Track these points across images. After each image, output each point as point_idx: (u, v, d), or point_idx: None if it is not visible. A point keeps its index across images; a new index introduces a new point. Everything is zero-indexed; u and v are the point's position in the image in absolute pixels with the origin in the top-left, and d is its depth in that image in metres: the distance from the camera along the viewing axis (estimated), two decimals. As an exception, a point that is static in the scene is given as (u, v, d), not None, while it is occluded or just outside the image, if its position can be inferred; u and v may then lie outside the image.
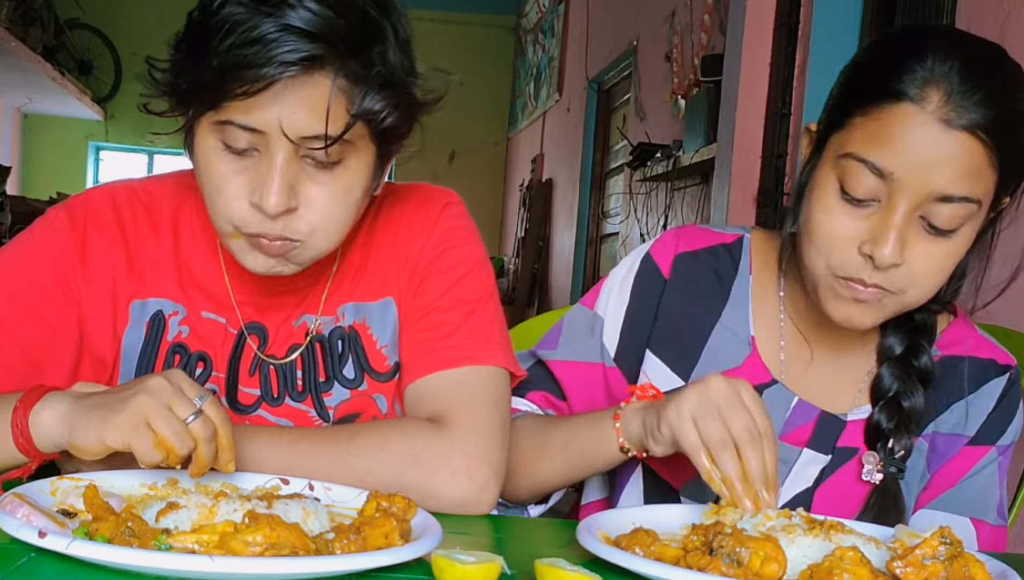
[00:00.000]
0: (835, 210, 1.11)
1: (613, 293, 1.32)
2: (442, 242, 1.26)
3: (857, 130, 1.10)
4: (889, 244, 1.07)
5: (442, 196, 1.31)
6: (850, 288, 1.12)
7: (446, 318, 1.22)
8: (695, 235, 1.31)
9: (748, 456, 1.01)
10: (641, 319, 1.29)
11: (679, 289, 1.28)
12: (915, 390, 1.21)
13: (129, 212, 1.24)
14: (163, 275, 1.23)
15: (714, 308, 1.28)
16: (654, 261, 1.30)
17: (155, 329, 1.22)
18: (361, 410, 1.25)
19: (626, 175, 5.66)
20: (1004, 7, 2.40)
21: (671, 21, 5.03)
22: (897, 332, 1.23)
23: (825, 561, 0.85)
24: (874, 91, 1.09)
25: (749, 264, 1.29)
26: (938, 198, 1.07)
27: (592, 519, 0.98)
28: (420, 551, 0.85)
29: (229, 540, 0.80)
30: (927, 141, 1.05)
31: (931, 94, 1.06)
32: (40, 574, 0.78)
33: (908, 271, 1.10)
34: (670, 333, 1.28)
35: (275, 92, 1.01)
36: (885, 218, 1.08)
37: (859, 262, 1.10)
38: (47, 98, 8.86)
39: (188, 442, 0.94)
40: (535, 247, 8.04)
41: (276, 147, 1.04)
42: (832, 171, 1.12)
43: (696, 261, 1.29)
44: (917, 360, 1.22)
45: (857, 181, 1.09)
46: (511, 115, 10.09)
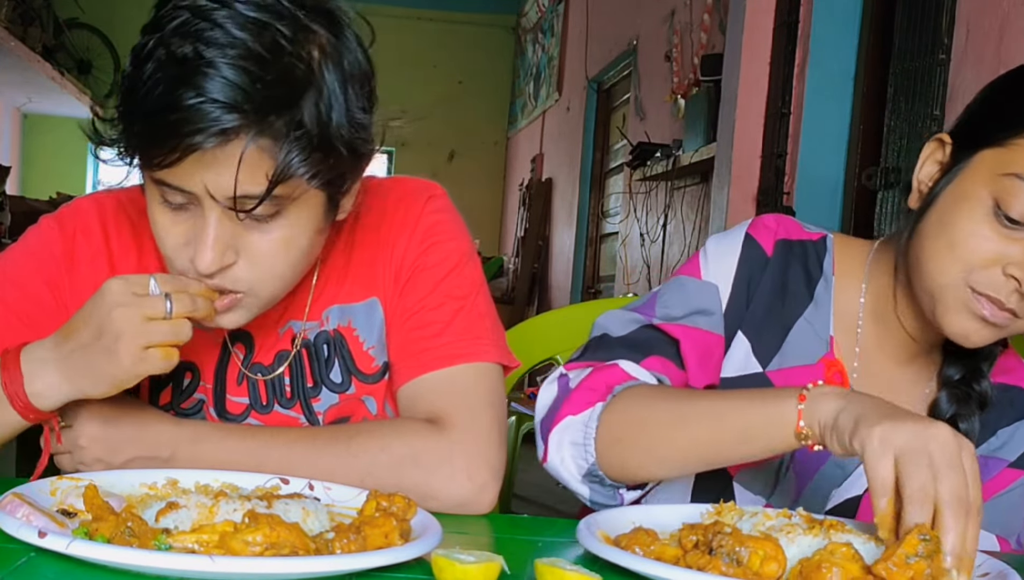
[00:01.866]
0: (986, 226, 1.09)
1: (715, 266, 1.26)
2: (427, 238, 1.24)
3: (1020, 151, 1.07)
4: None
5: (424, 189, 1.28)
6: (983, 305, 1.10)
7: (436, 316, 1.21)
8: (791, 225, 1.29)
9: (948, 524, 0.85)
10: (742, 297, 1.26)
11: (777, 273, 1.26)
12: (972, 414, 1.20)
13: (114, 224, 1.24)
14: None
15: (800, 301, 1.26)
16: (756, 241, 1.27)
17: None
18: (350, 413, 1.24)
19: (626, 175, 5.66)
20: (1003, 7, 2.40)
21: (671, 21, 5.03)
22: (959, 358, 1.22)
23: (816, 555, 0.85)
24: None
25: (832, 265, 1.28)
26: None
27: (592, 518, 0.98)
28: (420, 551, 0.85)
29: (229, 540, 0.80)
30: None
31: None
32: (40, 574, 0.78)
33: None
34: (760, 317, 1.25)
35: (196, 158, 0.99)
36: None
37: (1001, 282, 1.08)
38: (47, 98, 8.85)
39: (186, 330, 0.99)
40: (535, 246, 8.04)
41: (208, 207, 1.02)
42: (985, 188, 1.09)
43: (792, 250, 1.27)
44: (978, 385, 1.21)
45: (1019, 202, 1.06)
46: (511, 115, 10.09)
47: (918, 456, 0.88)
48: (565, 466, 1.15)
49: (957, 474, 0.87)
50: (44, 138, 10.18)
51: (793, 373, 1.24)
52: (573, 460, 1.14)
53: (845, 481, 1.23)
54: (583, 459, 1.13)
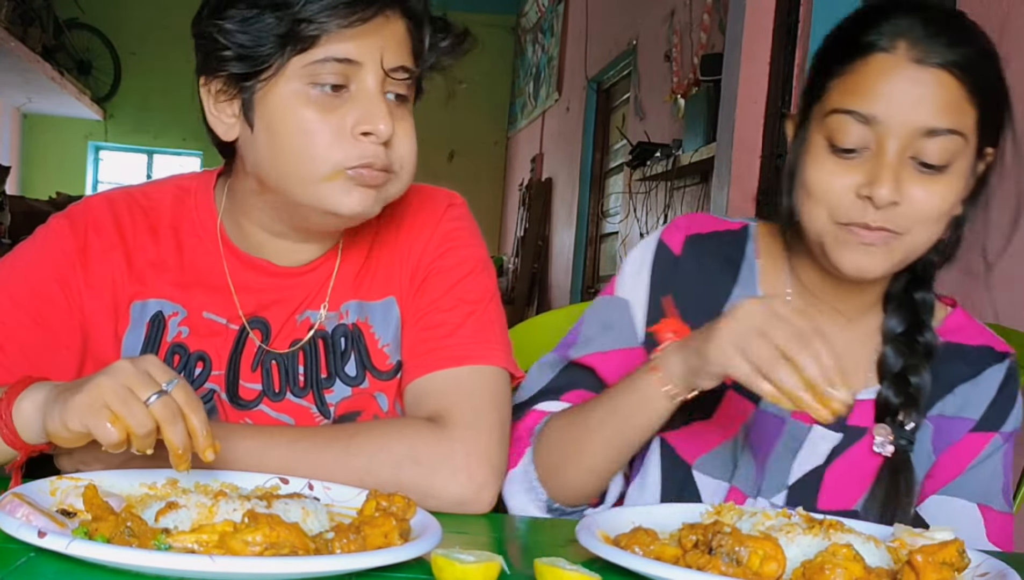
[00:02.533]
0: (828, 163, 1.16)
1: (630, 279, 1.32)
2: (444, 242, 1.27)
3: (836, 90, 1.16)
4: (885, 182, 1.12)
5: (445, 197, 1.32)
6: (855, 233, 1.15)
7: (447, 318, 1.23)
8: (704, 221, 1.34)
9: (803, 362, 0.98)
10: (660, 301, 1.29)
11: (690, 268, 1.30)
12: (921, 365, 1.24)
13: (128, 216, 1.25)
14: (163, 277, 1.24)
15: (724, 289, 1.30)
16: (665, 244, 1.31)
17: (155, 330, 1.22)
18: (362, 408, 1.25)
19: (625, 174, 5.66)
20: (1003, 6, 2.40)
21: (670, 20, 5.03)
22: (899, 312, 1.27)
23: (818, 557, 0.85)
24: (846, 53, 1.16)
25: (756, 250, 1.32)
26: (925, 133, 1.12)
27: (591, 518, 0.98)
28: (420, 551, 0.85)
29: (229, 540, 0.80)
30: (904, 81, 1.12)
31: (899, 42, 1.13)
32: (40, 574, 0.78)
33: (908, 210, 1.13)
34: (684, 311, 1.28)
35: (374, 25, 1.11)
36: (878, 160, 1.13)
37: (860, 206, 1.14)
38: (46, 98, 8.86)
39: (146, 422, 0.91)
40: (535, 246, 8.04)
41: (370, 77, 1.12)
42: (819, 133, 1.17)
43: (705, 243, 1.31)
44: (921, 336, 1.25)
45: (844, 133, 1.14)
46: (510, 114, 10.09)
47: (746, 334, 1.02)
48: (528, 511, 1.23)
49: (780, 323, 1.01)
50: (44, 138, 10.18)
51: None
52: (532, 504, 1.23)
53: (800, 451, 1.25)
54: (539, 500, 1.22)
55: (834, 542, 0.88)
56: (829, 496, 1.25)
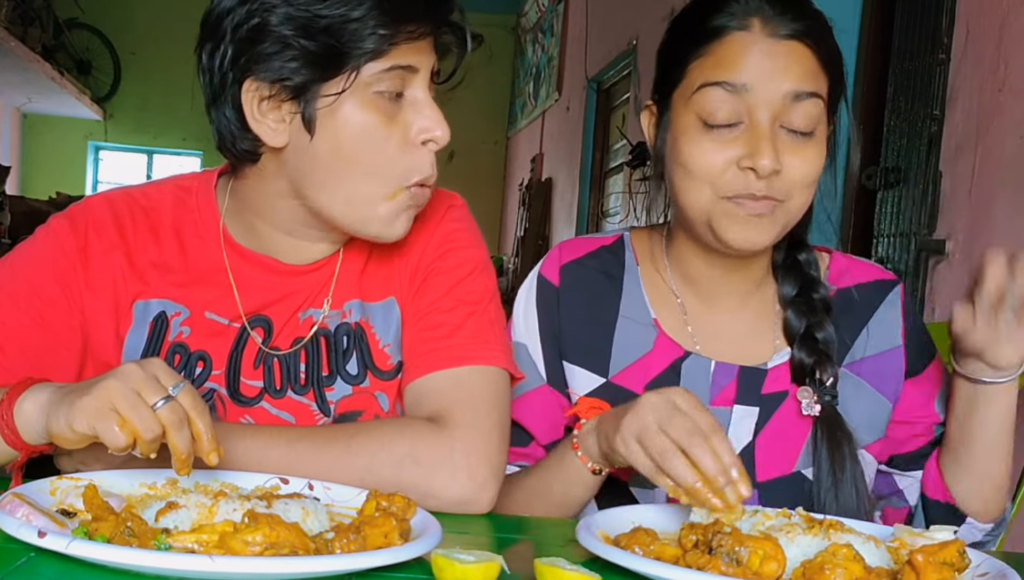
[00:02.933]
0: (705, 141, 1.19)
1: (522, 320, 1.35)
2: (445, 243, 1.27)
3: (697, 71, 1.20)
4: (766, 153, 1.15)
5: (446, 198, 1.33)
6: (742, 205, 1.18)
7: (447, 318, 1.23)
8: (577, 245, 1.37)
9: (696, 456, 0.98)
10: (552, 336, 1.32)
11: (572, 296, 1.33)
12: (823, 320, 1.27)
13: (128, 216, 1.25)
14: (165, 277, 1.24)
15: (611, 304, 1.32)
16: (545, 278, 1.34)
17: (157, 330, 1.22)
18: (363, 407, 1.25)
19: (625, 174, 5.66)
20: (1003, 7, 2.40)
21: (670, 20, 5.03)
22: (789, 275, 1.31)
23: (818, 557, 0.85)
24: (702, 36, 1.20)
25: (634, 257, 1.35)
26: (792, 98, 1.16)
27: (591, 518, 0.98)
28: (420, 551, 0.85)
29: (229, 540, 0.80)
30: (763, 54, 1.17)
31: (752, 21, 1.18)
32: (40, 574, 0.78)
33: (788, 177, 1.17)
34: (577, 338, 1.32)
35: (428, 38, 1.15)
36: (754, 132, 1.16)
37: (742, 178, 1.17)
38: (46, 98, 8.86)
39: (154, 426, 0.92)
40: (535, 246, 8.04)
41: (423, 85, 1.16)
42: (687, 113, 1.20)
43: (582, 267, 1.34)
44: (816, 293, 1.29)
45: (716, 105, 1.17)
46: (510, 114, 10.09)
47: (646, 428, 1.03)
48: None
49: (677, 418, 1.02)
50: (44, 138, 10.18)
51: (635, 368, 1.30)
52: None
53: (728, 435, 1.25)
54: None
55: (834, 542, 0.88)
56: (765, 466, 1.27)
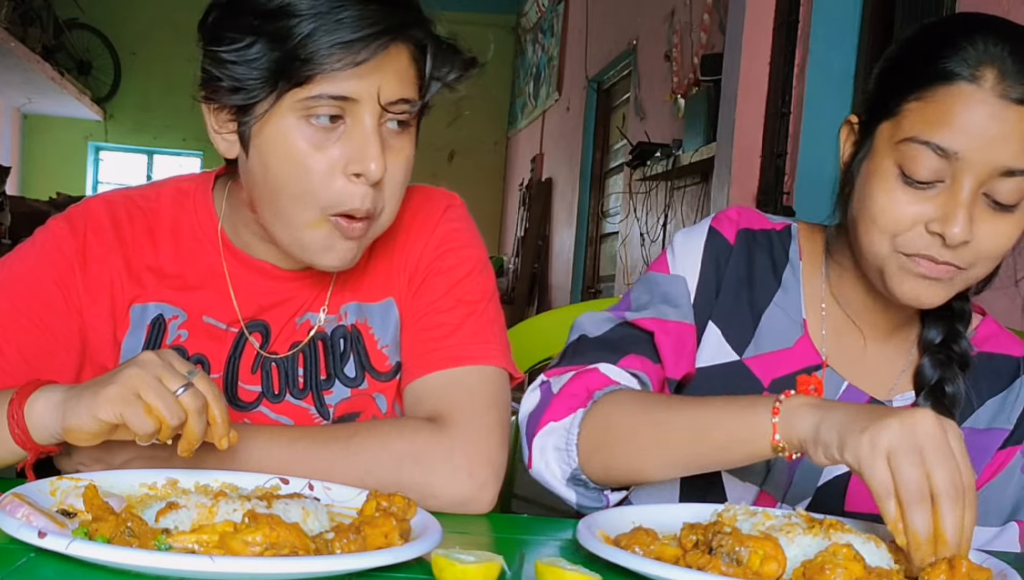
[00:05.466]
0: (898, 192, 1.12)
1: (682, 259, 1.30)
2: (443, 244, 1.27)
3: (913, 115, 1.11)
4: (959, 222, 1.09)
5: (444, 198, 1.32)
6: (919, 265, 1.13)
7: (446, 318, 1.23)
8: (754, 216, 1.33)
9: (945, 514, 0.88)
10: (710, 287, 1.28)
11: (742, 261, 1.29)
12: (956, 376, 1.23)
13: (127, 219, 1.24)
14: (163, 280, 1.23)
15: (769, 288, 1.29)
16: (720, 233, 1.30)
17: (155, 333, 1.22)
18: (361, 409, 1.25)
19: (626, 174, 5.66)
20: (1003, 6, 2.40)
21: (670, 20, 5.03)
22: (937, 322, 1.25)
23: (818, 557, 0.85)
24: (927, 75, 1.11)
25: (799, 251, 1.31)
26: (1003, 173, 1.09)
27: (592, 518, 0.98)
28: (420, 551, 0.84)
29: (229, 540, 0.80)
30: (988, 117, 1.07)
31: (986, 72, 1.08)
32: (40, 574, 0.78)
33: (976, 248, 1.11)
34: (730, 306, 1.28)
35: (374, 62, 1.07)
36: (952, 197, 1.09)
37: (928, 240, 1.11)
38: (46, 98, 8.86)
39: (178, 412, 0.95)
40: (535, 246, 8.04)
41: (366, 114, 1.09)
42: (889, 158, 1.13)
43: (756, 239, 1.30)
44: (957, 345, 1.24)
45: (920, 164, 1.10)
46: (511, 114, 10.09)
47: (908, 451, 0.90)
48: (550, 470, 1.16)
49: (948, 461, 0.89)
50: (44, 138, 10.19)
51: (770, 358, 1.26)
52: (557, 465, 1.16)
53: None
54: (566, 464, 1.15)
55: (834, 542, 0.88)
56: (855, 499, 1.23)
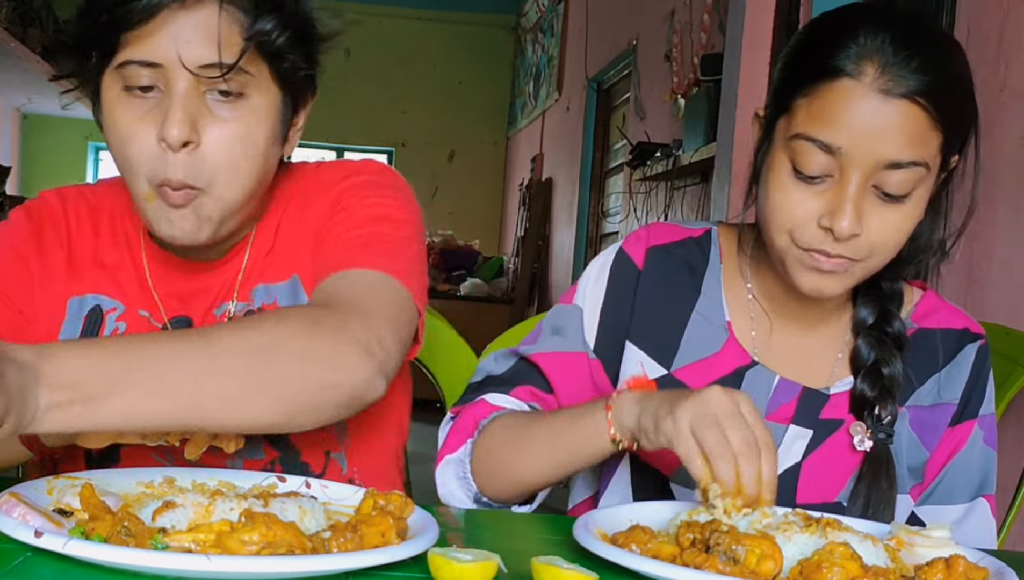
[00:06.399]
0: (791, 189, 1.15)
1: (588, 287, 1.33)
2: (341, 200, 1.22)
3: (802, 111, 1.14)
4: (846, 217, 1.11)
5: (357, 164, 1.27)
6: (815, 259, 1.15)
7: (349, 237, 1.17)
8: (665, 230, 1.34)
9: (743, 467, 0.98)
10: (618, 311, 1.31)
11: (653, 280, 1.31)
12: (892, 356, 1.24)
13: (74, 213, 1.26)
14: (103, 271, 1.24)
15: (688, 298, 1.30)
16: (627, 255, 1.32)
17: (91, 324, 1.23)
18: None
19: (626, 174, 5.65)
20: (1003, 7, 2.40)
21: (670, 20, 5.03)
22: (868, 304, 1.28)
23: (815, 555, 0.85)
24: (813, 72, 1.13)
25: (719, 254, 1.33)
26: (887, 166, 1.11)
27: (589, 516, 0.98)
28: (416, 549, 0.85)
29: (225, 539, 0.80)
30: (869, 112, 1.09)
31: (867, 67, 1.10)
32: (36, 574, 0.78)
33: (868, 239, 1.14)
34: (648, 324, 1.30)
35: (168, 21, 1.04)
36: (839, 192, 1.12)
37: (820, 235, 1.14)
38: (46, 98, 8.85)
39: None
40: (535, 246, 8.04)
41: (175, 80, 1.06)
42: (783, 153, 1.16)
43: (667, 254, 1.32)
44: (890, 326, 1.26)
45: (808, 160, 1.13)
46: (511, 114, 10.09)
47: (706, 421, 1.00)
48: (456, 497, 1.24)
49: (740, 424, 0.99)
50: (44, 138, 10.18)
51: (699, 366, 1.28)
52: (462, 491, 1.24)
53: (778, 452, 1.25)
54: (468, 490, 1.24)
55: (831, 540, 0.88)
56: (807, 490, 1.25)
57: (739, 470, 0.98)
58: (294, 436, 1.24)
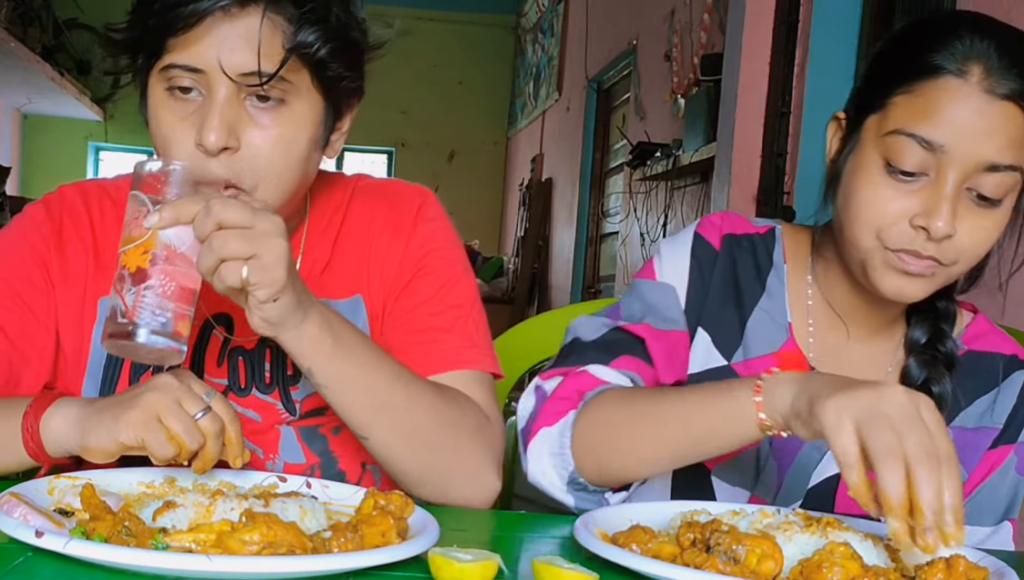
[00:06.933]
0: (882, 185, 1.13)
1: (669, 264, 1.30)
2: (426, 244, 1.27)
3: (899, 108, 1.12)
4: (943, 216, 1.09)
5: (417, 195, 1.31)
6: (903, 260, 1.13)
7: (436, 322, 1.24)
8: (736, 221, 1.33)
9: (920, 477, 0.85)
10: (698, 294, 1.29)
11: (727, 267, 1.29)
12: (943, 376, 1.23)
13: (98, 208, 1.25)
14: None
15: (753, 293, 1.29)
16: (704, 238, 1.30)
17: None
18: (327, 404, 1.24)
19: (626, 174, 5.65)
20: (1004, 6, 2.40)
21: (670, 20, 5.03)
22: (922, 322, 1.26)
23: (815, 555, 0.85)
24: (914, 69, 1.12)
25: (783, 254, 1.31)
26: (986, 168, 1.09)
27: (589, 516, 0.98)
28: (417, 549, 0.85)
29: (226, 539, 0.80)
30: (973, 111, 1.08)
31: (972, 67, 1.08)
32: (37, 573, 0.78)
33: (959, 243, 1.12)
34: (718, 311, 1.28)
35: (212, 28, 1.05)
36: (936, 191, 1.10)
37: (912, 234, 1.11)
38: (46, 98, 8.85)
39: (198, 437, 0.97)
40: (535, 246, 8.04)
41: (216, 86, 1.06)
42: (875, 151, 1.14)
43: (740, 244, 1.30)
44: (942, 345, 1.24)
45: (906, 156, 1.10)
46: (511, 114, 10.09)
47: (877, 419, 0.88)
48: (547, 477, 1.17)
49: (919, 427, 0.88)
50: (44, 138, 10.18)
51: (756, 363, 1.27)
52: (554, 470, 1.16)
53: (822, 460, 1.25)
54: (563, 468, 1.15)
55: (831, 540, 0.88)
56: (846, 501, 1.23)
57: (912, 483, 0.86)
58: (333, 444, 1.25)
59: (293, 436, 1.24)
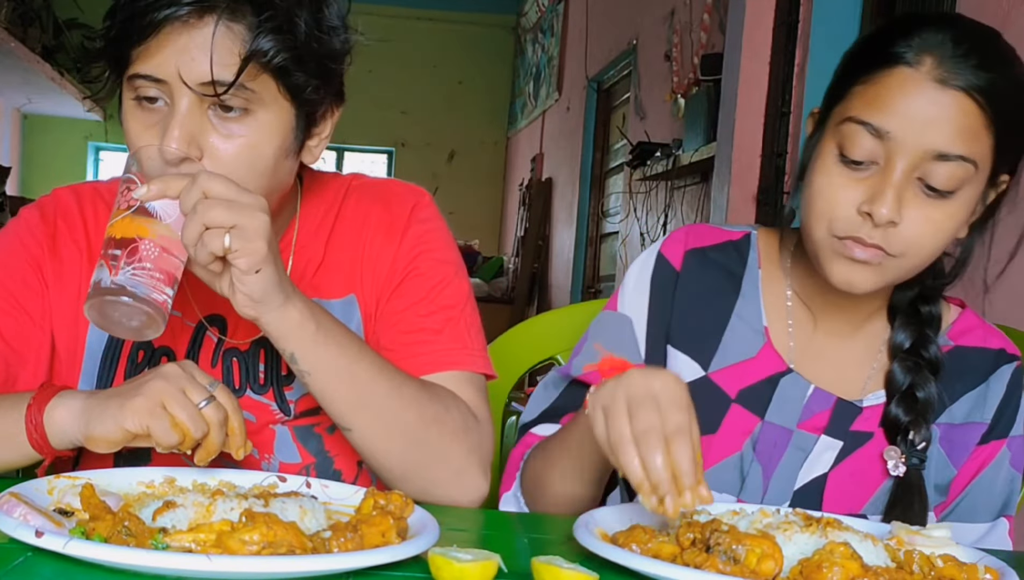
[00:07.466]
0: (834, 173, 1.14)
1: (631, 294, 1.32)
2: (418, 245, 1.27)
3: (856, 97, 1.14)
4: (887, 201, 1.10)
5: (412, 195, 1.31)
6: (848, 247, 1.13)
7: (428, 323, 1.24)
8: (704, 233, 1.33)
9: (645, 455, 0.92)
10: (661, 316, 1.30)
11: (691, 283, 1.29)
12: (927, 381, 1.23)
13: (92, 210, 1.26)
14: None
15: (727, 302, 1.29)
16: (665, 258, 1.31)
17: None
18: None
19: (626, 174, 5.65)
20: (1004, 7, 2.40)
21: (670, 20, 5.03)
22: (906, 326, 1.26)
23: (815, 555, 0.85)
24: (873, 60, 1.13)
25: (758, 259, 1.31)
26: (935, 157, 1.10)
27: (589, 516, 0.98)
28: (417, 549, 0.85)
29: (226, 539, 0.80)
30: (923, 100, 1.09)
31: (925, 57, 1.10)
32: (37, 573, 0.78)
33: (906, 233, 1.12)
34: (687, 326, 1.29)
35: (172, 38, 1.04)
36: (883, 178, 1.11)
37: (858, 221, 1.12)
38: (46, 98, 8.85)
39: (202, 425, 0.98)
40: (535, 246, 8.04)
41: (178, 96, 1.06)
42: (832, 139, 1.15)
43: (706, 257, 1.31)
44: (927, 351, 1.24)
45: (855, 143, 1.12)
46: (511, 114, 10.08)
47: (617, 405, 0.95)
48: None
49: (647, 410, 0.93)
50: (44, 138, 10.18)
51: (735, 370, 1.27)
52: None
53: (806, 461, 1.25)
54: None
55: (831, 540, 0.88)
56: (833, 501, 1.24)
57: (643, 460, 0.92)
58: (329, 443, 1.26)
59: (288, 436, 1.24)
